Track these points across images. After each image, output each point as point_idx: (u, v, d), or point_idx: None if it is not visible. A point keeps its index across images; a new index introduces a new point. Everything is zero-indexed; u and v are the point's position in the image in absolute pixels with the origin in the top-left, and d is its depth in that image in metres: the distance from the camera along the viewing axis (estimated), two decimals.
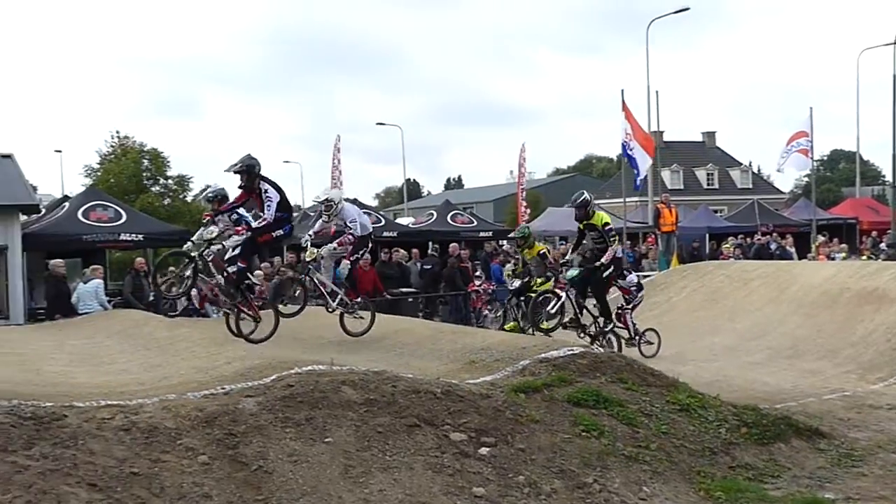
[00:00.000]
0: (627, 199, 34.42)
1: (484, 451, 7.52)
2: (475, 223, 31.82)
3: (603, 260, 11.82)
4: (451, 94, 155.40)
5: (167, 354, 10.26)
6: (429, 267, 22.39)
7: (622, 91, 27.73)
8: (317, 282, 11.32)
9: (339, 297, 11.42)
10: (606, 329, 12.06)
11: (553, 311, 11.89)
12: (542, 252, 13.06)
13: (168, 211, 40.83)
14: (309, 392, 7.76)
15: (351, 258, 11.56)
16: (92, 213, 21.99)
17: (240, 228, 10.91)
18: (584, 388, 8.52)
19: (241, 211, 11.66)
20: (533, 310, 11.85)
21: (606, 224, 11.97)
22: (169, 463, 6.78)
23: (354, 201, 30.72)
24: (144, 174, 44.50)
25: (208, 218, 11.69)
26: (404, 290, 21.28)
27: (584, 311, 12.23)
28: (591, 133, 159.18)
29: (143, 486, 6.56)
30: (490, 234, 30.77)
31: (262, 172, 10.49)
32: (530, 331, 11.86)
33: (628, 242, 27.02)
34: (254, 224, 10.78)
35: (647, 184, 34.30)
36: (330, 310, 11.44)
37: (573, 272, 12.01)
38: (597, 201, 14.57)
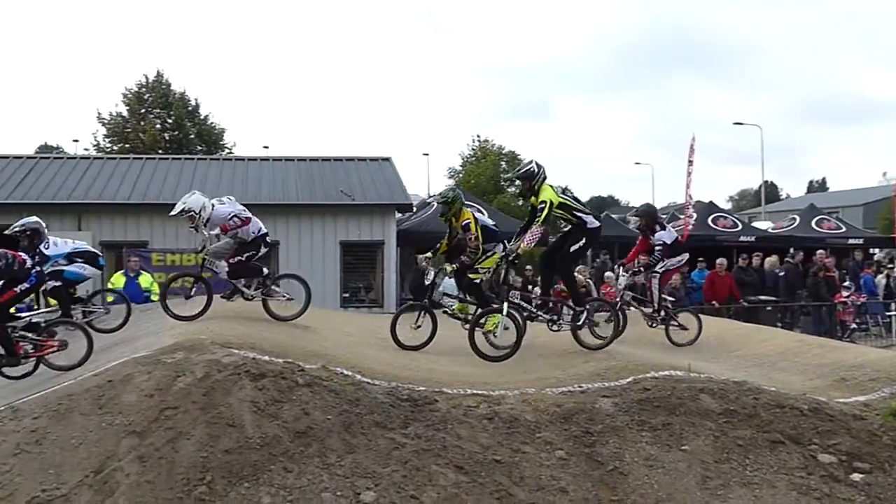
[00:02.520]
0: None
1: (856, 477, 6.95)
2: (843, 229, 29.37)
3: (522, 244, 9.74)
4: (817, 90, 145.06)
5: (526, 350, 10.61)
6: (782, 274, 21.04)
7: None
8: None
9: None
10: (581, 323, 9.93)
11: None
12: (466, 223, 10.45)
13: (522, 211, 42.34)
14: (666, 397, 7.66)
15: (231, 260, 10.57)
16: None
17: None
18: None
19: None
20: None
21: (542, 202, 9.75)
22: (529, 454, 7.03)
23: (710, 204, 29.83)
24: (502, 175, 46.57)
25: None
26: (763, 297, 20.20)
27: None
28: None
29: (504, 474, 6.88)
30: (860, 241, 28.24)
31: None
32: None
33: None
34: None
35: None
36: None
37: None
38: None
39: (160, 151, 39.51)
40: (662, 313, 11.60)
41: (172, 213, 10.46)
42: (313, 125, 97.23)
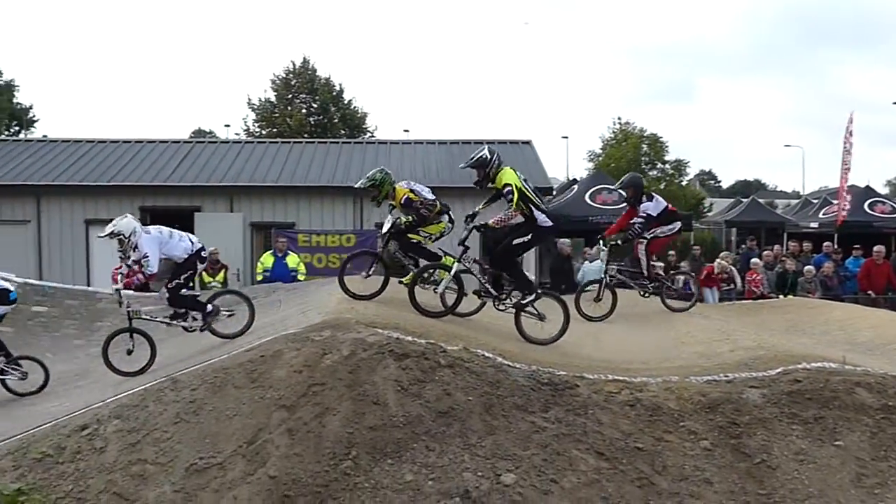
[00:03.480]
0: None
1: None
2: None
3: (490, 222, 9.45)
4: None
5: (668, 337, 10.41)
6: None
7: None
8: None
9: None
10: (525, 302, 9.49)
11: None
12: (406, 198, 10.15)
13: (664, 195, 41.33)
14: (818, 390, 7.34)
15: (169, 286, 10.21)
16: (598, 196, 23.16)
17: None
18: None
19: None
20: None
21: (506, 185, 9.43)
22: (672, 443, 6.90)
23: (867, 188, 28.26)
24: (643, 158, 45.55)
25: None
26: None
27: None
28: None
29: (647, 462, 6.78)
30: None
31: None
32: None
33: None
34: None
35: None
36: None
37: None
38: None
39: (306, 135, 40.69)
40: (655, 282, 11.63)
41: (101, 235, 10.25)
42: (453, 109, 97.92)
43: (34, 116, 49.97)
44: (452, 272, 9.50)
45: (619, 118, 47.40)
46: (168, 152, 24.56)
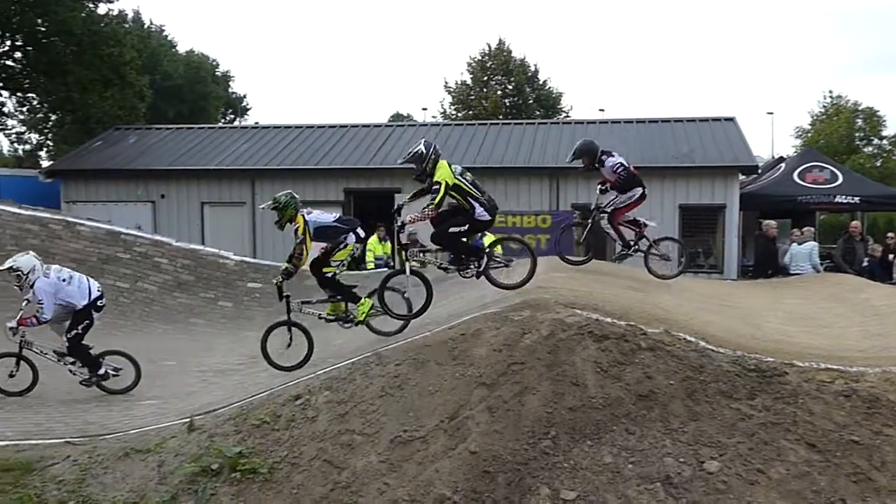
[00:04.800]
0: None
1: None
2: None
3: (406, 219, 9.39)
4: None
5: (887, 324, 9.75)
6: None
7: None
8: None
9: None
10: (481, 267, 9.47)
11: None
12: (294, 227, 9.71)
13: (881, 173, 38.58)
14: None
15: (69, 335, 10.16)
16: (808, 175, 21.94)
17: None
18: None
19: None
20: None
21: (436, 183, 9.25)
22: (892, 438, 6.47)
23: None
24: (857, 134, 42.71)
25: None
26: None
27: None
28: None
29: (863, 457, 6.39)
30: None
31: None
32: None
33: None
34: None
35: None
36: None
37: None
38: None
39: (501, 117, 40.97)
40: (632, 246, 11.18)
41: (1, 267, 10.35)
42: (651, 86, 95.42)
43: (248, 105, 53.06)
44: (408, 273, 9.52)
45: (830, 91, 44.52)
46: (370, 136, 25.46)
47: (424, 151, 9.46)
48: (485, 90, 46.66)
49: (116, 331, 13.78)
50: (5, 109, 32.11)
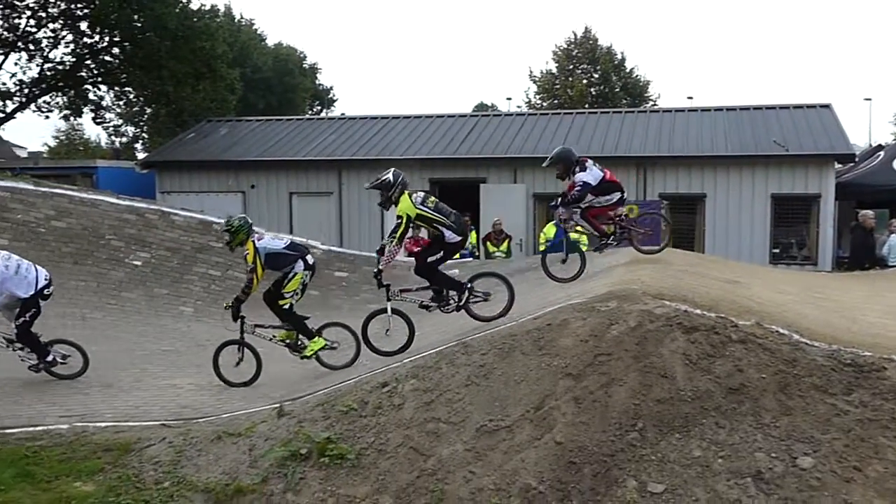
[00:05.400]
0: None
1: None
2: None
3: (380, 266, 9.58)
4: None
5: None
6: None
7: None
8: None
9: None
10: (461, 301, 9.62)
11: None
12: (245, 254, 10.09)
13: None
14: None
15: (17, 323, 10.18)
16: None
17: None
18: None
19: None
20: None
21: (398, 217, 9.43)
22: None
23: None
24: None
25: None
26: None
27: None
28: None
29: None
30: None
31: None
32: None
33: None
34: None
35: None
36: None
37: None
38: None
39: (586, 106, 40.59)
40: (611, 236, 11.21)
41: None
42: (742, 73, 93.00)
43: (334, 96, 53.80)
44: (389, 312, 9.63)
45: None
46: (455, 126, 25.52)
47: (392, 181, 9.57)
48: (570, 79, 46.29)
49: (208, 318, 14.16)
50: (104, 103, 33.25)
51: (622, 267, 10.73)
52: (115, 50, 30.38)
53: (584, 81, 46.39)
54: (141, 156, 38.29)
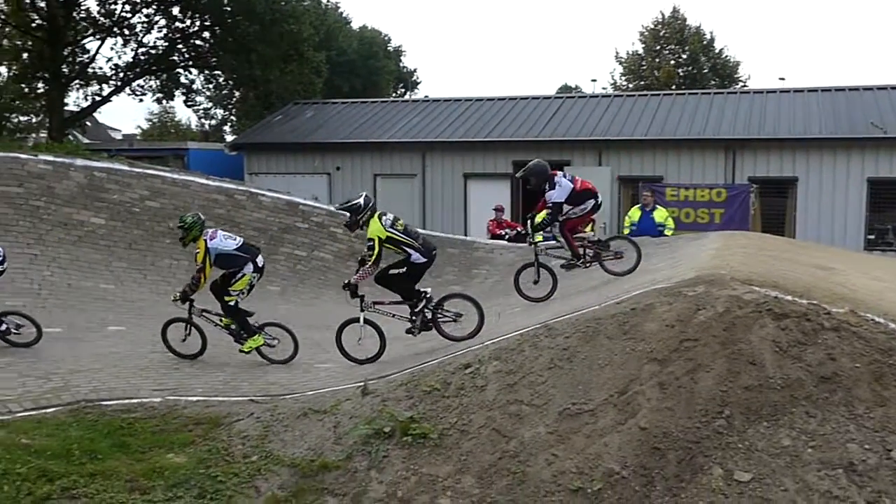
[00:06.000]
0: None
1: None
2: None
3: (352, 280, 10.04)
4: None
5: None
6: None
7: None
8: None
9: None
10: (416, 310, 10.02)
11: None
12: (196, 252, 10.44)
13: None
14: None
15: None
16: None
17: None
18: None
19: None
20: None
21: (369, 240, 9.82)
22: None
23: None
24: None
25: None
26: None
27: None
28: None
29: None
30: None
31: None
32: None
33: None
34: None
35: None
36: None
37: None
38: None
39: (674, 87, 39.81)
40: (588, 255, 11.32)
41: None
42: (836, 53, 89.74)
43: (417, 79, 54.12)
44: (362, 322, 9.92)
45: None
46: (539, 108, 25.36)
47: (362, 205, 9.90)
48: (657, 60, 45.48)
49: (296, 297, 14.45)
50: (194, 86, 34.08)
51: (710, 251, 10.52)
52: (206, 34, 31.11)
53: (672, 62, 45.52)
54: (229, 138, 39.09)
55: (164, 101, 37.53)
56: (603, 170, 22.05)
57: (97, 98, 32.49)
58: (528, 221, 11.40)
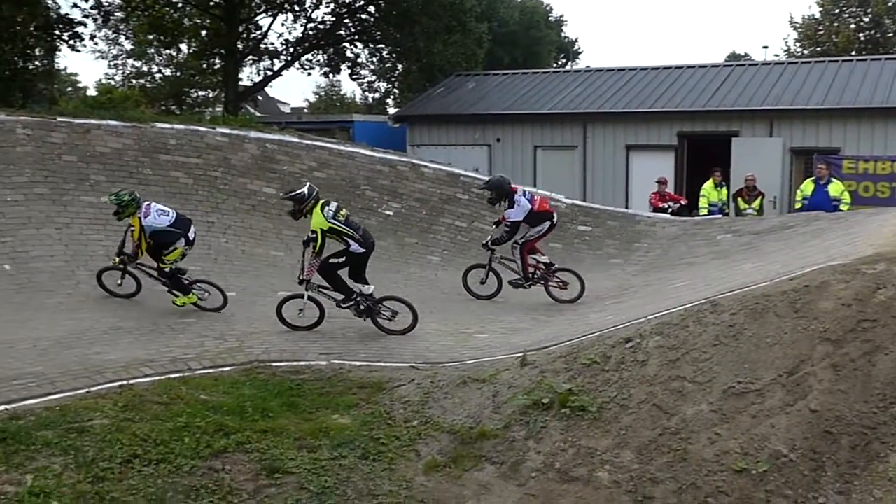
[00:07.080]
0: None
1: None
2: None
3: (304, 275, 10.39)
4: None
5: None
6: None
7: None
8: None
9: None
10: (349, 303, 10.51)
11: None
12: (130, 229, 11.66)
13: None
14: None
15: None
16: None
17: None
18: None
19: None
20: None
21: (312, 232, 10.16)
22: None
23: None
24: None
25: None
26: None
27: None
28: None
29: None
30: None
31: None
32: None
33: None
34: None
35: None
36: None
37: None
38: None
39: (854, 53, 37.47)
40: (535, 276, 12.32)
41: None
42: None
43: (579, 49, 53.25)
44: (305, 298, 10.42)
45: None
46: (706, 78, 24.46)
47: (306, 194, 10.26)
48: (836, 24, 42.83)
49: (454, 267, 14.63)
50: (359, 60, 34.89)
51: (892, 227, 9.89)
52: (371, 8, 31.71)
53: (853, 26, 42.76)
54: (392, 111, 39.85)
55: (330, 75, 38.68)
56: (774, 141, 21.09)
57: (269, 73, 33.86)
58: (488, 241, 12.70)
